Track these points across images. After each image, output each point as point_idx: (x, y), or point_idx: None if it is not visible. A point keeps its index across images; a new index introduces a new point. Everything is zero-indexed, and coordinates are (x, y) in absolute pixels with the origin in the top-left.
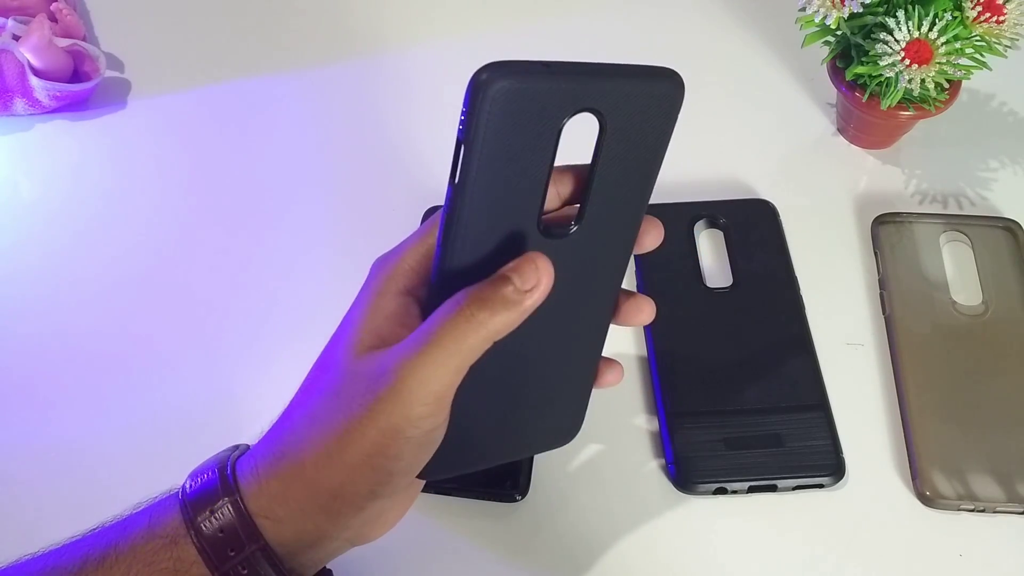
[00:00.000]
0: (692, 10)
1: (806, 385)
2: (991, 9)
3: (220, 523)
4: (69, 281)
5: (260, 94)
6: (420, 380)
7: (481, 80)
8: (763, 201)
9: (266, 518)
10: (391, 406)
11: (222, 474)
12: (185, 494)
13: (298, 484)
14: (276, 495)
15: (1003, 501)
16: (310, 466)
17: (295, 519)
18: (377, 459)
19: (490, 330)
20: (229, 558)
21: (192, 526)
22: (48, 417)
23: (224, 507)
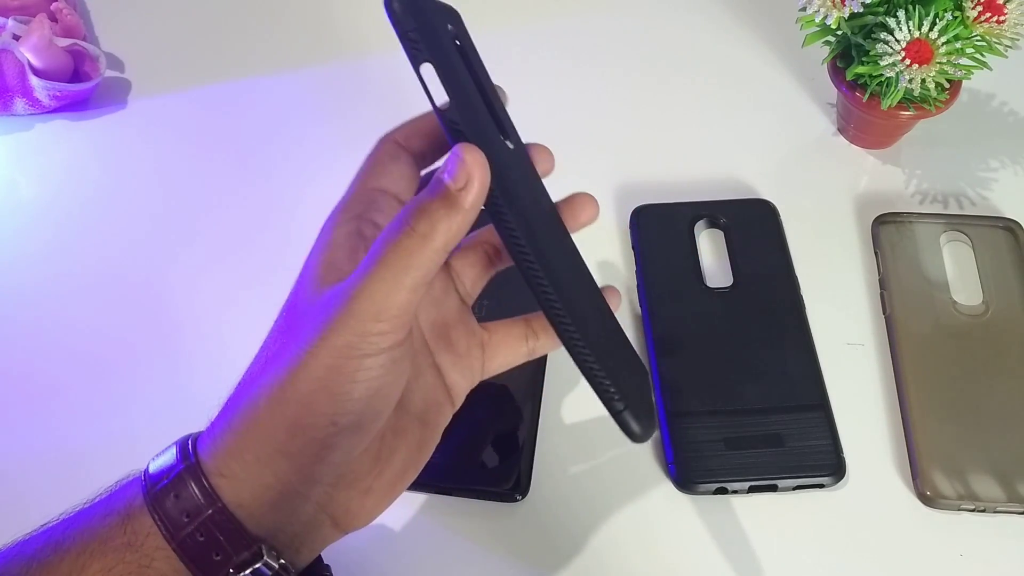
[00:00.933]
0: (692, 10)
1: (806, 385)
2: (991, 9)
3: (175, 489)
4: (69, 281)
5: (260, 94)
6: (370, 299)
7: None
8: (763, 201)
9: (222, 476)
10: (343, 325)
11: (182, 447)
12: (147, 472)
13: (252, 431)
14: (231, 450)
15: (1003, 501)
16: (263, 408)
17: (253, 472)
18: (333, 382)
19: (437, 241)
20: (184, 525)
21: (148, 496)
22: (47, 416)
23: (179, 472)
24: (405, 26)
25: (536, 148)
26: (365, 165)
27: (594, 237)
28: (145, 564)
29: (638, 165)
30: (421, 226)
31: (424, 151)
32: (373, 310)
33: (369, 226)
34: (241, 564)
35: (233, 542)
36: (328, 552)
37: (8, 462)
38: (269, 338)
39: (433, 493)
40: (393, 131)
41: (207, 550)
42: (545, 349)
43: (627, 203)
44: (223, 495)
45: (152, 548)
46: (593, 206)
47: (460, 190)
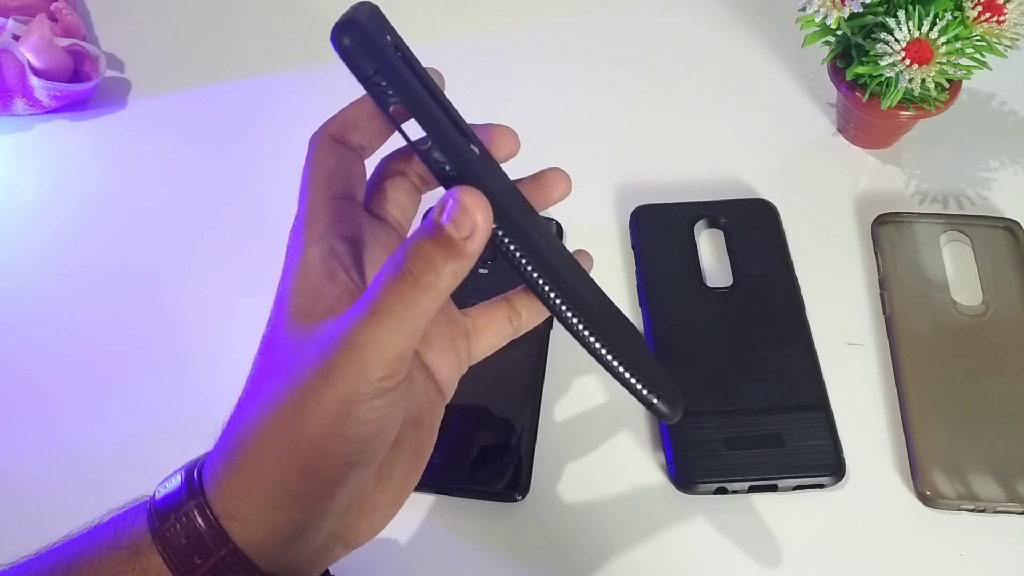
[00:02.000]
0: (692, 10)
1: (806, 385)
2: (991, 9)
3: (185, 530)
4: (69, 281)
5: (260, 94)
6: (375, 347)
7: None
8: (763, 201)
9: (232, 519)
10: (347, 371)
11: (188, 478)
12: (153, 501)
13: (261, 475)
14: (239, 493)
15: (1003, 501)
16: (270, 452)
17: (264, 515)
18: (341, 425)
19: (441, 289)
20: (196, 566)
21: (157, 534)
22: (47, 416)
23: (189, 512)
24: (365, 71)
25: (499, 130)
26: (308, 174)
27: (594, 237)
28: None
29: (638, 165)
30: (426, 277)
31: (363, 143)
32: (377, 359)
33: (340, 242)
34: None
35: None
36: None
37: (12, 461)
38: (256, 368)
39: (433, 493)
40: (324, 127)
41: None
42: (530, 325)
43: (627, 203)
44: (234, 536)
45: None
46: (565, 181)
47: (465, 239)
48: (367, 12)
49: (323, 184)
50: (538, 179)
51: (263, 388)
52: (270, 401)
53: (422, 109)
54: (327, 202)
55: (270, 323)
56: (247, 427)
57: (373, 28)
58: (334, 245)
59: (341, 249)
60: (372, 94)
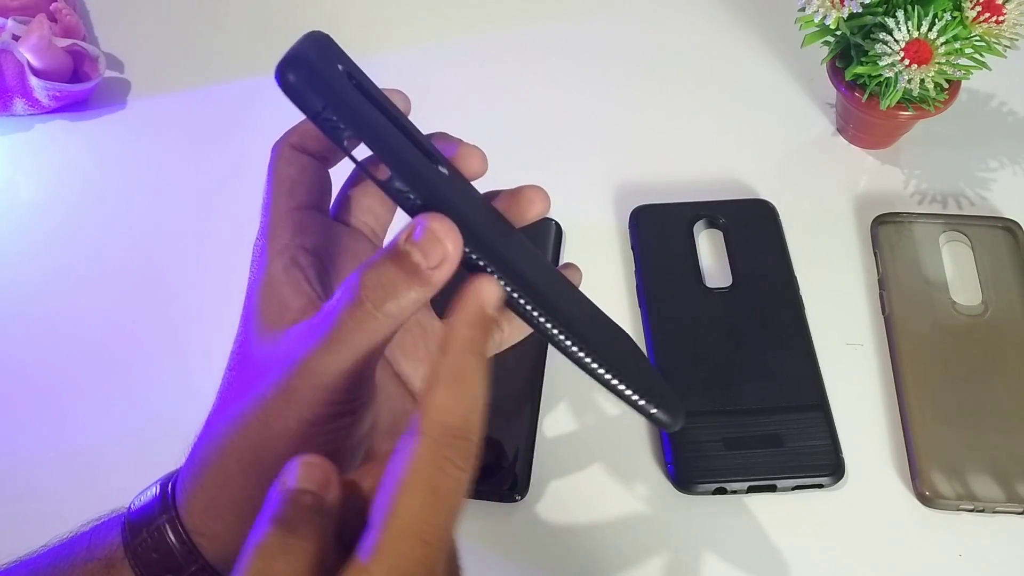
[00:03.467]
0: (692, 10)
1: (806, 385)
2: (991, 9)
3: (156, 544)
4: (68, 281)
5: (260, 94)
6: (331, 372)
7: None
8: (763, 201)
9: (202, 535)
10: (306, 395)
11: (163, 492)
12: (129, 514)
13: (228, 492)
14: (208, 509)
15: (1003, 501)
16: (237, 470)
17: (233, 530)
18: (303, 447)
19: (400, 318)
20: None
21: (129, 548)
22: (45, 415)
23: (161, 527)
24: (314, 107)
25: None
26: (270, 184)
27: (594, 237)
28: None
29: (638, 165)
30: (385, 305)
31: (324, 150)
32: (334, 384)
33: (303, 254)
34: None
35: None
36: None
37: (15, 458)
38: (225, 384)
39: None
40: (285, 137)
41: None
42: (513, 339)
43: (627, 203)
44: (204, 552)
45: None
46: (543, 200)
47: (433, 268)
48: (315, 43)
49: (285, 194)
50: (515, 196)
51: (230, 406)
52: (236, 420)
53: (378, 140)
54: (289, 212)
55: (237, 339)
56: (215, 444)
57: (322, 60)
58: (297, 256)
59: (304, 261)
60: (324, 130)
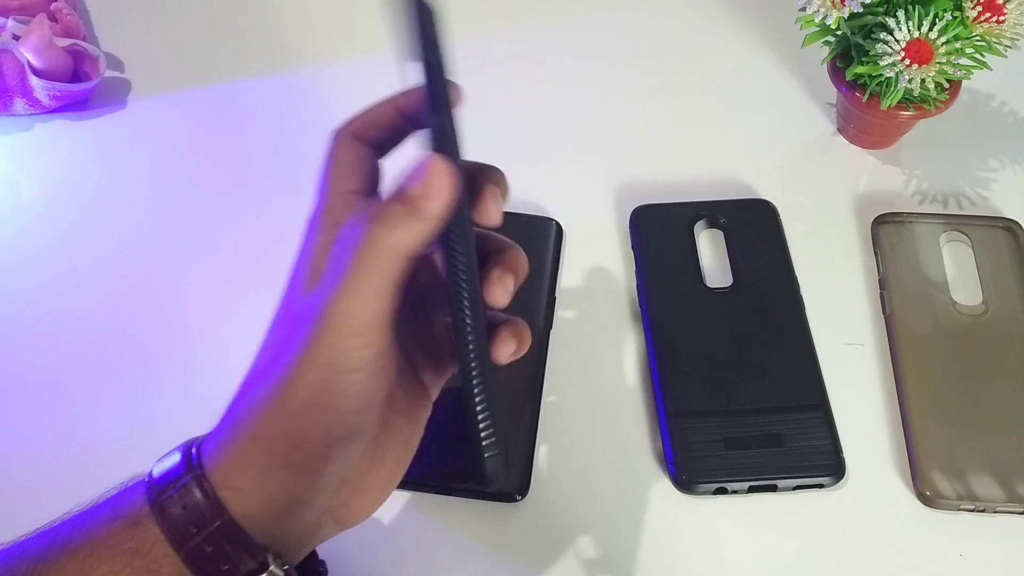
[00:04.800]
0: (692, 10)
1: (806, 385)
2: (991, 9)
3: (183, 500)
4: (67, 280)
5: (260, 94)
6: (344, 312)
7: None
8: (763, 201)
9: (228, 489)
10: (324, 344)
11: (186, 454)
12: (151, 477)
13: (255, 446)
14: (236, 463)
15: (1003, 501)
16: (262, 424)
17: (258, 485)
18: (322, 398)
19: (395, 247)
20: (192, 535)
21: (155, 505)
22: (50, 417)
23: (187, 484)
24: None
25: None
26: (327, 166)
27: (594, 237)
28: (153, 570)
29: (638, 165)
30: (379, 232)
31: (380, 141)
32: (348, 324)
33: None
34: (248, 573)
35: (240, 552)
36: (327, 553)
37: (11, 462)
38: (262, 346)
39: (433, 493)
40: (347, 124)
41: (215, 560)
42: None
43: (627, 203)
44: (229, 507)
45: (160, 555)
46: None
47: (423, 199)
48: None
49: (341, 178)
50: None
51: (260, 361)
52: (266, 378)
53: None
54: (343, 195)
55: (279, 303)
56: (246, 403)
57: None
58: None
59: None
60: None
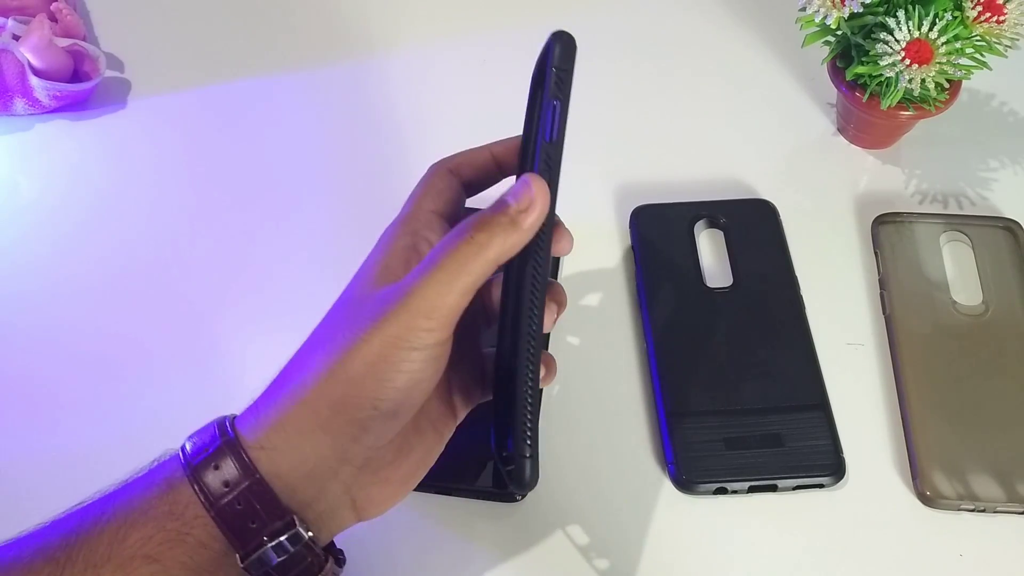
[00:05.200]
0: (692, 10)
1: (806, 385)
2: (991, 9)
3: (215, 461)
4: (68, 281)
5: (260, 94)
6: (425, 297)
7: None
8: (763, 201)
9: (262, 448)
10: (396, 318)
11: (220, 425)
12: (184, 449)
13: (298, 406)
14: (274, 424)
15: (1003, 501)
16: (311, 387)
17: (293, 444)
18: (380, 367)
19: (491, 252)
20: (224, 494)
21: (188, 469)
22: (45, 417)
23: (220, 448)
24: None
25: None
26: (419, 188)
27: (594, 237)
28: (185, 531)
29: (638, 165)
30: (480, 236)
31: (471, 180)
32: (426, 307)
33: (423, 243)
34: (274, 532)
35: (269, 511)
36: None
37: (13, 465)
38: (319, 327)
39: (433, 493)
40: (447, 160)
41: (244, 519)
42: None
43: (627, 203)
44: (261, 467)
45: (191, 517)
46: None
47: (522, 212)
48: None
49: (429, 198)
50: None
51: (319, 334)
52: (322, 345)
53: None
54: (426, 212)
55: (346, 288)
56: (295, 369)
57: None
58: (418, 244)
59: (423, 248)
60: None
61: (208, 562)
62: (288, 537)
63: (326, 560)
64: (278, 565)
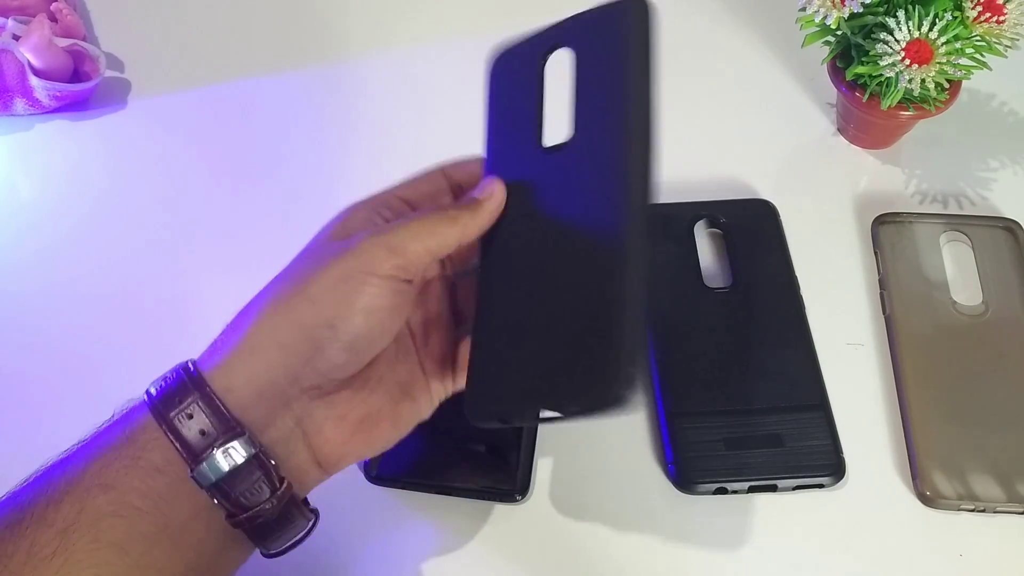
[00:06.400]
0: (692, 10)
1: (806, 385)
2: (991, 9)
3: (168, 382)
4: (68, 281)
5: (260, 94)
6: (394, 235)
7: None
8: (763, 201)
9: (216, 368)
10: (363, 251)
11: (183, 368)
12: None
13: (254, 326)
14: (229, 345)
15: (1003, 501)
16: (269, 308)
17: (245, 360)
18: (341, 287)
19: (458, 225)
20: (174, 407)
21: (147, 395)
22: (42, 417)
23: (176, 372)
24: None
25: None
26: (408, 180)
27: None
28: (138, 455)
29: None
30: (451, 211)
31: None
32: (394, 242)
33: (379, 218)
34: (224, 443)
35: (219, 422)
36: (328, 552)
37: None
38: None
39: (433, 493)
40: (444, 163)
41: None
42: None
43: None
44: (213, 382)
45: (146, 440)
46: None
47: (484, 200)
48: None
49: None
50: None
51: (281, 273)
52: (285, 277)
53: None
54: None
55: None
56: (257, 298)
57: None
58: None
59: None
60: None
61: (164, 487)
62: (237, 445)
63: (281, 482)
64: (228, 476)
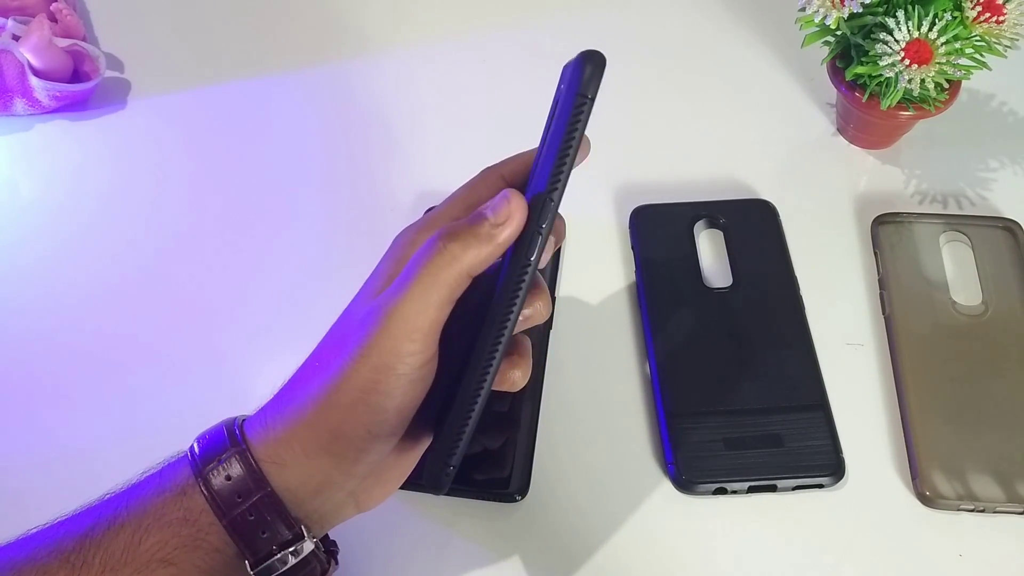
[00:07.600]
0: (692, 10)
1: (806, 385)
2: (991, 9)
3: (227, 472)
4: (69, 281)
5: (260, 94)
6: (404, 317)
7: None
8: (763, 201)
9: (272, 463)
10: (380, 345)
11: (229, 430)
12: (193, 452)
13: (301, 428)
14: (281, 440)
15: (1003, 501)
16: (311, 410)
17: (300, 463)
18: (370, 396)
19: (464, 263)
20: (236, 504)
21: (200, 476)
22: (46, 418)
23: (231, 457)
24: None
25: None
26: (460, 191)
27: (594, 237)
28: (200, 538)
29: (638, 165)
30: (453, 247)
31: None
32: (407, 328)
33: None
34: (284, 543)
35: (279, 522)
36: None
37: (15, 466)
38: (324, 339)
39: (434, 493)
40: (498, 167)
41: (255, 528)
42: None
43: (627, 203)
44: (272, 480)
45: (206, 524)
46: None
47: (498, 226)
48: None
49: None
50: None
51: (319, 353)
52: (320, 367)
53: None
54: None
55: (352, 301)
56: (299, 386)
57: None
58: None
59: None
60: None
61: (221, 565)
62: (297, 547)
63: (328, 563)
64: (286, 571)
